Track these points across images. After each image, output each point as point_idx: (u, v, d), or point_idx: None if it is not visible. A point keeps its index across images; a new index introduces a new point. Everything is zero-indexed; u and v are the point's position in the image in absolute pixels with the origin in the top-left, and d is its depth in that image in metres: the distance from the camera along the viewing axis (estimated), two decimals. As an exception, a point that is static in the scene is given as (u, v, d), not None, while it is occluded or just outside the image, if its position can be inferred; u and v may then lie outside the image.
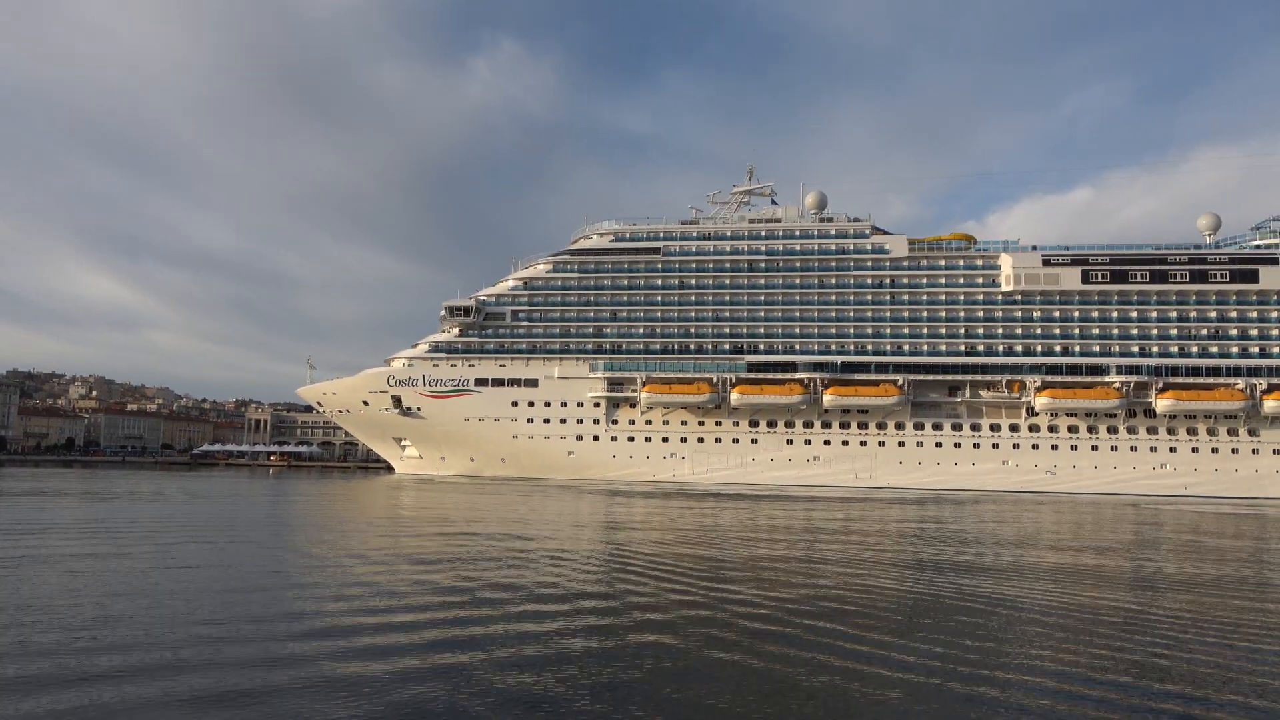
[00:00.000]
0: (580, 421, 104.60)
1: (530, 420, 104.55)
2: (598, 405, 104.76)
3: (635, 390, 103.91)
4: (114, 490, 64.73)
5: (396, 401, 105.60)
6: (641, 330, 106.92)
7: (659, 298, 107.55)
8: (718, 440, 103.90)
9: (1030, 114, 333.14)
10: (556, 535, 36.46)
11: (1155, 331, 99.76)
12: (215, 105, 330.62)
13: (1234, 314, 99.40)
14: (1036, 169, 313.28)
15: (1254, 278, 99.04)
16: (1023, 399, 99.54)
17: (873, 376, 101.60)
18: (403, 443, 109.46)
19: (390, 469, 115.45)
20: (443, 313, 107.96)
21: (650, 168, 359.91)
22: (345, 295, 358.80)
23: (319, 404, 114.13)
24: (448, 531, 37.53)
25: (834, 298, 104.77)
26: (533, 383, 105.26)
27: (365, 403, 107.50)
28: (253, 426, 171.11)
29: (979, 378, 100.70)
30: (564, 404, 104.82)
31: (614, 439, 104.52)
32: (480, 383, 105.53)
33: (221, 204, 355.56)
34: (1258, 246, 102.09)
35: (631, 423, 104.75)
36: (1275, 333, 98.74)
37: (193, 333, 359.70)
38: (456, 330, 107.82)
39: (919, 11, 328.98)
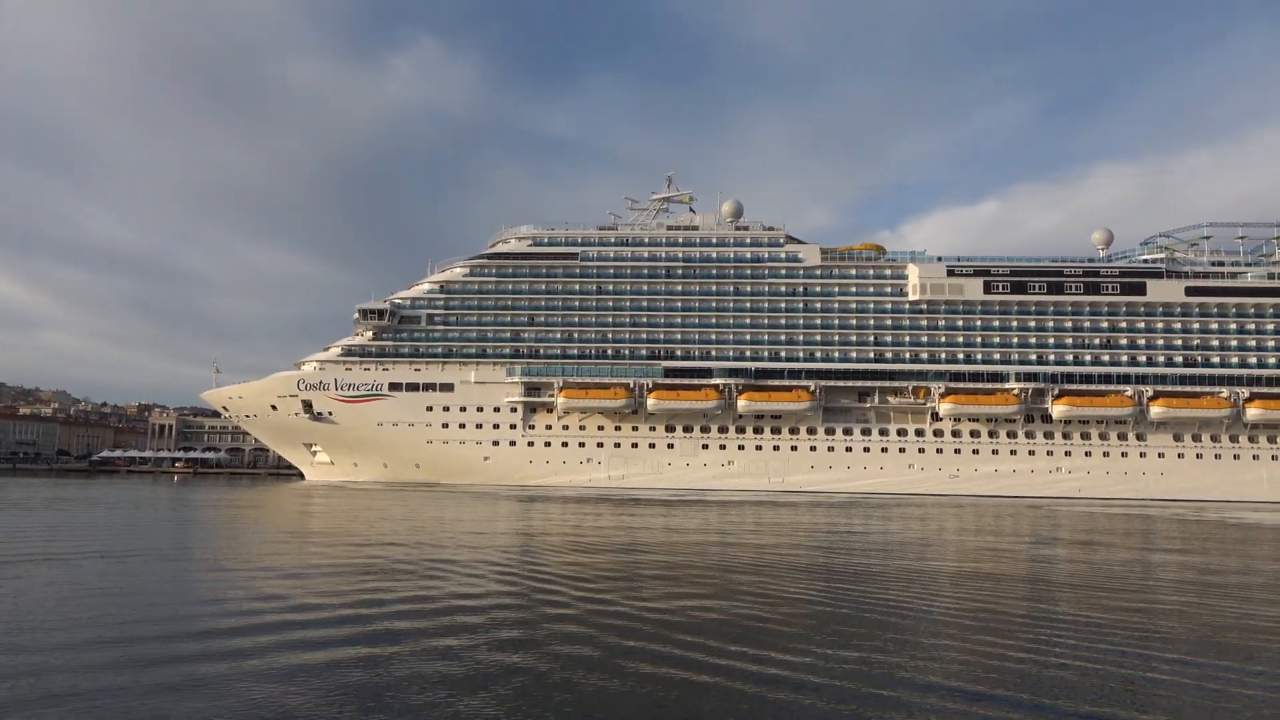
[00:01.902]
0: (497, 426, 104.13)
1: (446, 425, 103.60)
2: (514, 410, 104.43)
3: (552, 395, 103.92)
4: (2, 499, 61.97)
5: (307, 406, 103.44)
6: (559, 335, 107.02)
7: (577, 302, 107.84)
8: (634, 445, 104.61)
9: (943, 127, 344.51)
10: (468, 544, 36.40)
11: (1052, 340, 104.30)
12: (115, 95, 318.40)
13: (1124, 324, 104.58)
14: (948, 181, 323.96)
15: (1142, 290, 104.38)
16: (928, 404, 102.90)
17: (786, 382, 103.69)
18: (313, 448, 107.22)
19: (301, 475, 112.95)
20: (356, 315, 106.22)
21: (572, 171, 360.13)
22: (255, 296, 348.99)
23: (225, 409, 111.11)
24: (355, 541, 37.16)
25: (749, 305, 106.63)
26: (448, 387, 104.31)
27: (274, 407, 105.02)
28: (156, 431, 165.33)
29: (887, 384, 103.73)
30: (480, 409, 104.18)
31: (531, 444, 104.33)
32: (394, 387, 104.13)
33: (123, 199, 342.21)
34: (1146, 261, 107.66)
35: (548, 427, 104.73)
36: (1161, 342, 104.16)
37: (92, 333, 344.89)
38: (370, 333, 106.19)
39: (837, 24, 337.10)
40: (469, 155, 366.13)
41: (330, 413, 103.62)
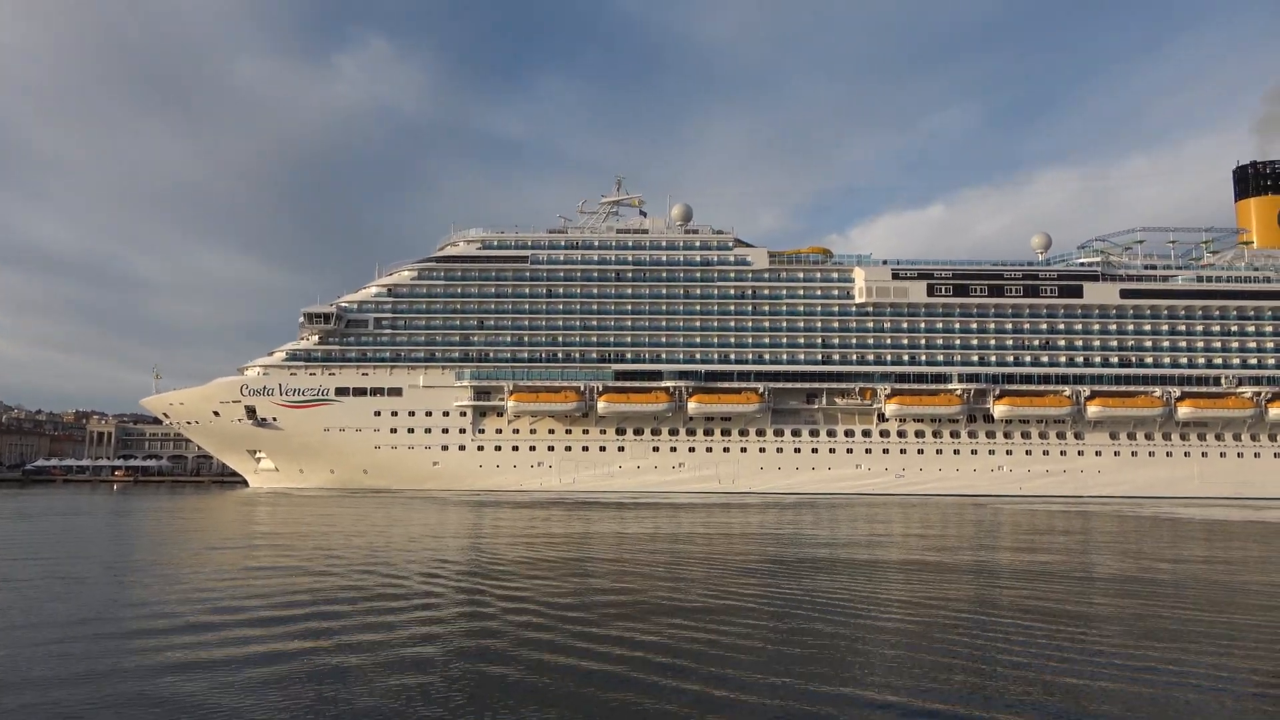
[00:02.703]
0: (446, 431, 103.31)
1: (394, 430, 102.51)
2: (464, 414, 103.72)
3: (502, 399, 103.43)
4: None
5: (251, 412, 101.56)
6: (509, 339, 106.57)
7: (526, 306, 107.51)
8: (585, 449, 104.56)
9: (892, 132, 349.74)
10: (417, 552, 36.19)
11: (993, 342, 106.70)
12: (55, 92, 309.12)
13: (1062, 326, 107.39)
14: (897, 185, 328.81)
15: (1079, 293, 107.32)
16: (874, 405, 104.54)
17: (735, 385, 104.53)
18: (257, 455, 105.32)
19: (245, 483, 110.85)
20: (301, 319, 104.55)
21: (523, 174, 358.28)
22: (200, 299, 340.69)
23: (165, 415, 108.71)
24: (299, 552, 36.73)
25: (698, 308, 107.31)
26: (396, 392, 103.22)
27: (216, 413, 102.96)
28: (95, 439, 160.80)
29: (834, 385, 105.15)
30: (429, 413, 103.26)
31: (480, 448, 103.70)
32: (341, 392, 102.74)
33: (62, 199, 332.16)
34: (1083, 264, 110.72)
35: (499, 432, 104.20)
36: (1097, 343, 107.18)
37: (28, 338, 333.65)
38: (316, 338, 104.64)
39: (789, 29, 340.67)
40: (418, 157, 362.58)
41: (275, 418, 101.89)
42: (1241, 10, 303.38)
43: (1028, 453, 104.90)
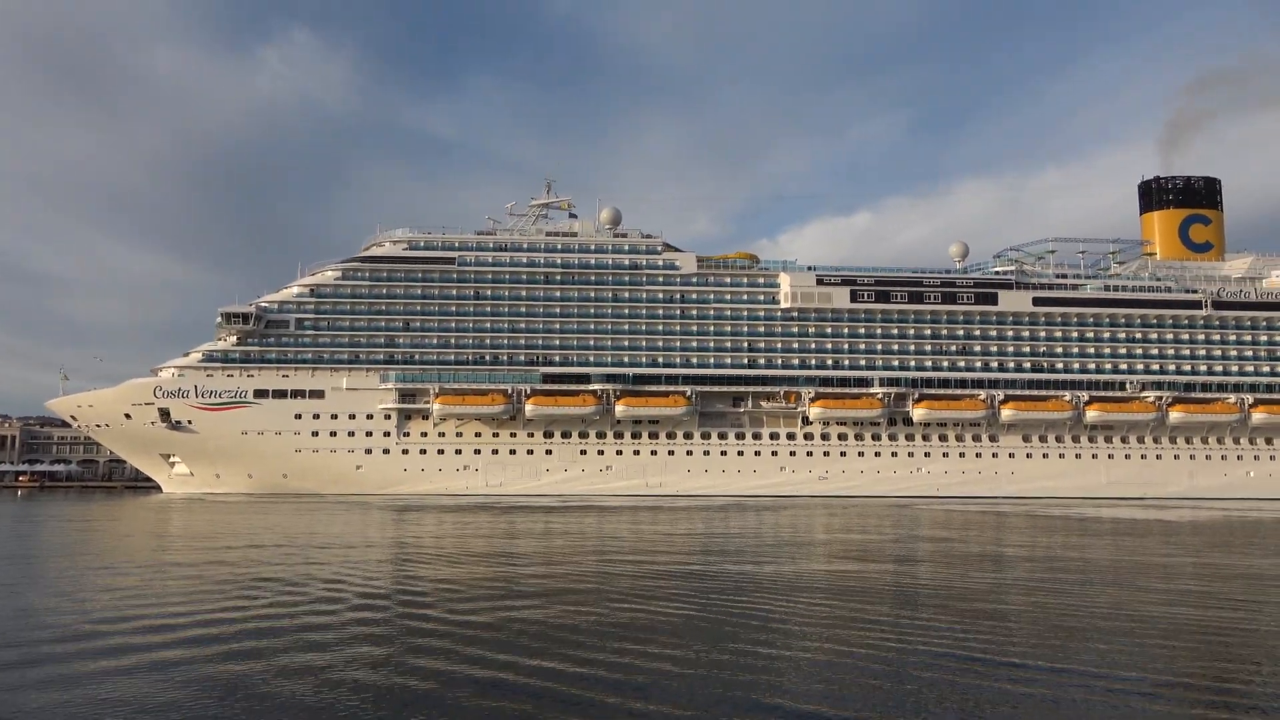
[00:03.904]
0: (370, 434, 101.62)
1: (315, 433, 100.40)
2: (388, 417, 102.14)
3: (428, 402, 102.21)
4: None
5: (164, 414, 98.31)
6: (435, 341, 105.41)
7: (453, 308, 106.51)
8: (512, 452, 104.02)
9: (820, 140, 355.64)
10: (336, 559, 35.63)
11: (913, 347, 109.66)
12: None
13: (978, 332, 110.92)
14: (824, 192, 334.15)
15: (994, 300, 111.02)
16: (799, 409, 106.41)
17: (663, 388, 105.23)
18: (171, 459, 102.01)
19: (158, 488, 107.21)
20: (219, 319, 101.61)
21: (452, 174, 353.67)
22: (114, 297, 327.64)
23: (73, 417, 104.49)
24: (210, 562, 35.82)
25: (627, 311, 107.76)
26: (318, 394, 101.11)
27: (128, 415, 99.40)
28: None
29: (760, 389, 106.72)
30: (352, 416, 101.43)
31: (405, 451, 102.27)
32: (260, 394, 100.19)
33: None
34: (997, 273, 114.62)
35: (424, 435, 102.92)
36: (1011, 349, 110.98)
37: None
38: (234, 338, 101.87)
39: (722, 35, 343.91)
40: (344, 154, 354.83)
41: (190, 421, 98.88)
42: (1152, 28, 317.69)
43: (945, 455, 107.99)
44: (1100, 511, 76.14)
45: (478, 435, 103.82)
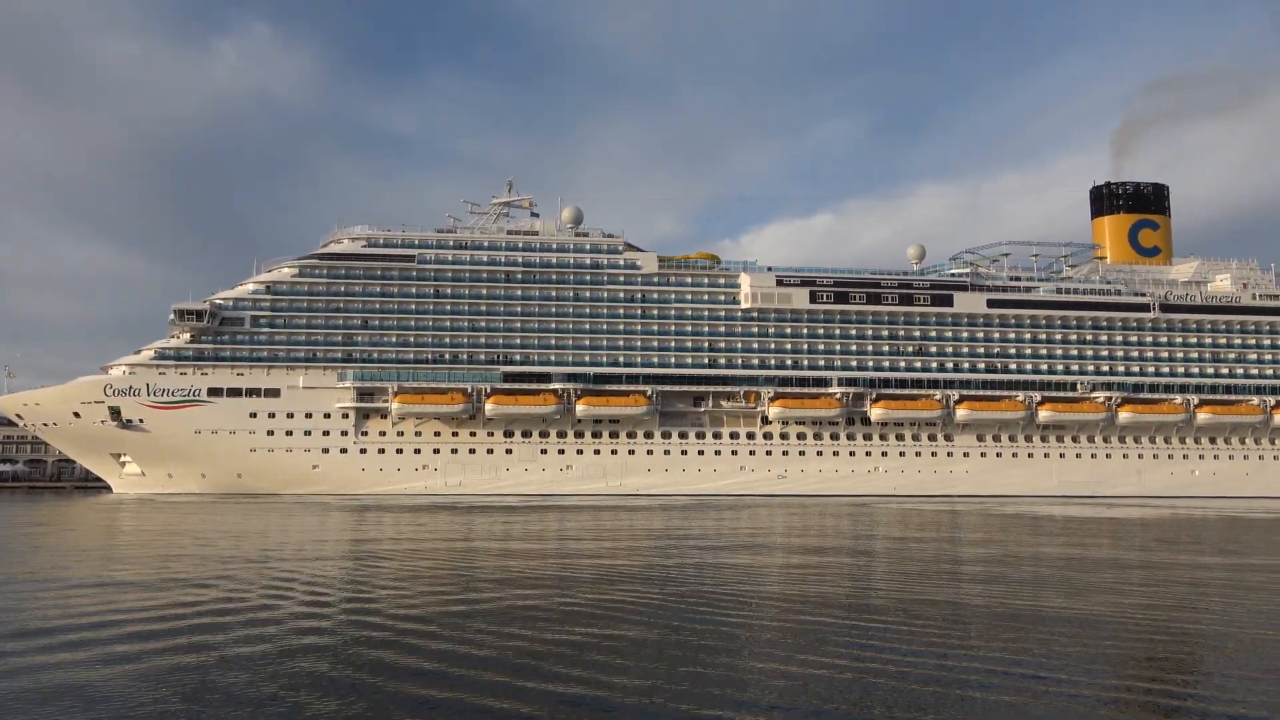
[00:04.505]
0: (327, 433, 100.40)
1: (271, 433, 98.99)
2: (346, 416, 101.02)
3: (386, 400, 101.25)
4: None
5: (115, 413, 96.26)
6: (394, 339, 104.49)
7: (413, 306, 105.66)
8: (472, 451, 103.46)
9: (782, 141, 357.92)
10: (289, 562, 35.22)
11: (871, 348, 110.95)
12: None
13: (934, 333, 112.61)
14: (786, 194, 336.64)
15: (950, 302, 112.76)
16: (758, 409, 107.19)
17: (624, 387, 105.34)
18: (122, 459, 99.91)
19: (108, 488, 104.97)
20: (172, 316, 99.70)
21: (413, 171, 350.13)
22: (62, 292, 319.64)
23: (18, 416, 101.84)
24: (140, 562, 35.23)
25: (588, 310, 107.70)
26: (274, 393, 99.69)
27: (77, 414, 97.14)
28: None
29: (720, 389, 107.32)
30: (309, 415, 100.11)
31: (363, 451, 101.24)
32: (215, 392, 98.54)
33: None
34: (953, 275, 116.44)
35: (382, 434, 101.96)
36: (966, 350, 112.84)
37: None
38: (188, 335, 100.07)
39: (684, 36, 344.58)
40: (302, 149, 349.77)
41: (141, 420, 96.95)
42: (1108, 34, 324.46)
43: (901, 454, 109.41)
44: (1052, 510, 77.72)
45: (437, 435, 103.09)
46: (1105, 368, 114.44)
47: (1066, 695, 13.84)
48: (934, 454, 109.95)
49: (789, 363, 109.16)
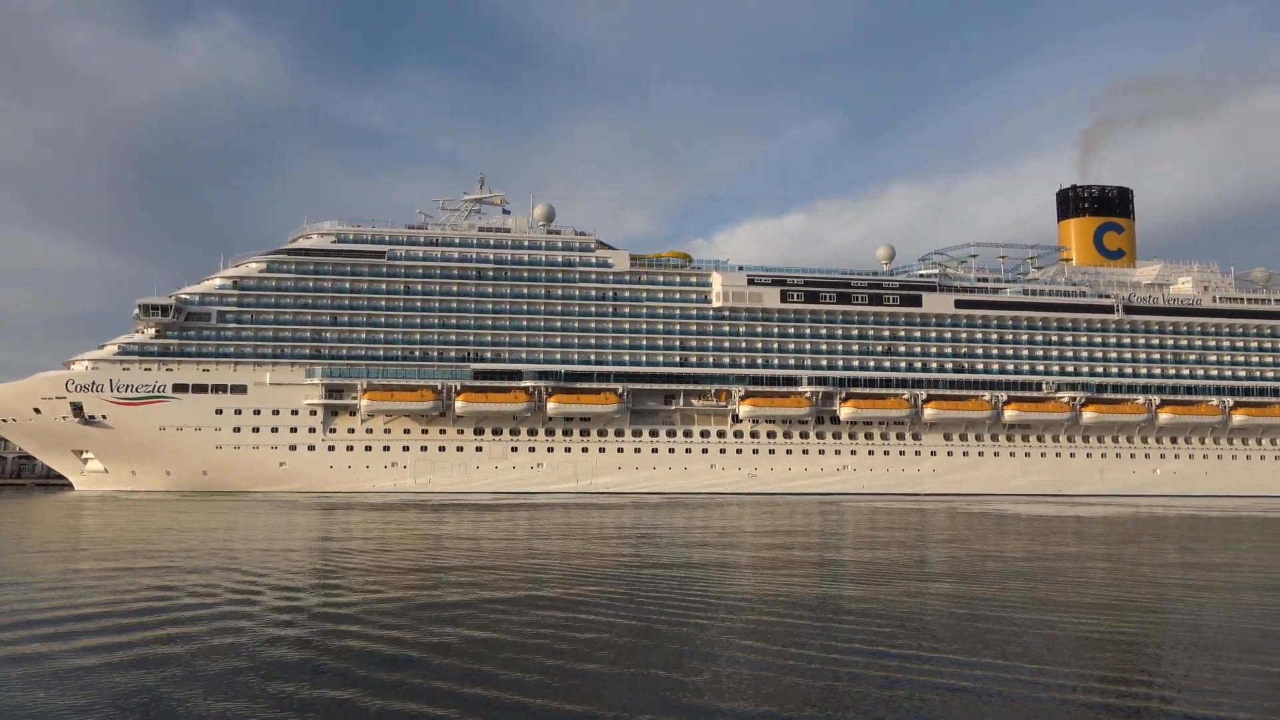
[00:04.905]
0: (294, 430, 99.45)
1: (237, 429, 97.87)
2: (314, 413, 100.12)
3: (355, 397, 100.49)
4: None
5: (77, 409, 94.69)
6: (364, 335, 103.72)
7: (383, 302, 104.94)
8: (442, 449, 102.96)
9: (755, 141, 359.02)
10: (253, 564, 34.86)
11: (840, 347, 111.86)
12: None
13: (903, 333, 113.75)
14: (759, 193, 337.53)
15: (918, 302, 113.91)
16: (729, 407, 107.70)
17: (595, 385, 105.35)
18: (84, 455, 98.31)
19: (70, 485, 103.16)
20: (137, 311, 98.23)
21: (384, 166, 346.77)
22: (20, 286, 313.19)
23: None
24: (90, 561, 34.73)
25: (559, 308, 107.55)
26: (241, 389, 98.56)
27: (37, 410, 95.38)
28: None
29: (691, 387, 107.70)
30: (276, 412, 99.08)
31: (331, 448, 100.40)
32: (180, 388, 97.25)
33: None
34: (922, 276, 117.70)
35: (351, 431, 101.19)
36: (934, 350, 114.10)
37: None
38: (153, 331, 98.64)
39: (657, 33, 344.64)
40: (270, 143, 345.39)
41: (105, 416, 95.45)
42: (1078, 38, 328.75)
43: (870, 453, 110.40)
44: (1018, 508, 78.82)
45: (407, 432, 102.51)
46: (1070, 368, 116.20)
47: (1031, 695, 14.08)
48: (902, 453, 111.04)
49: (759, 361, 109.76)
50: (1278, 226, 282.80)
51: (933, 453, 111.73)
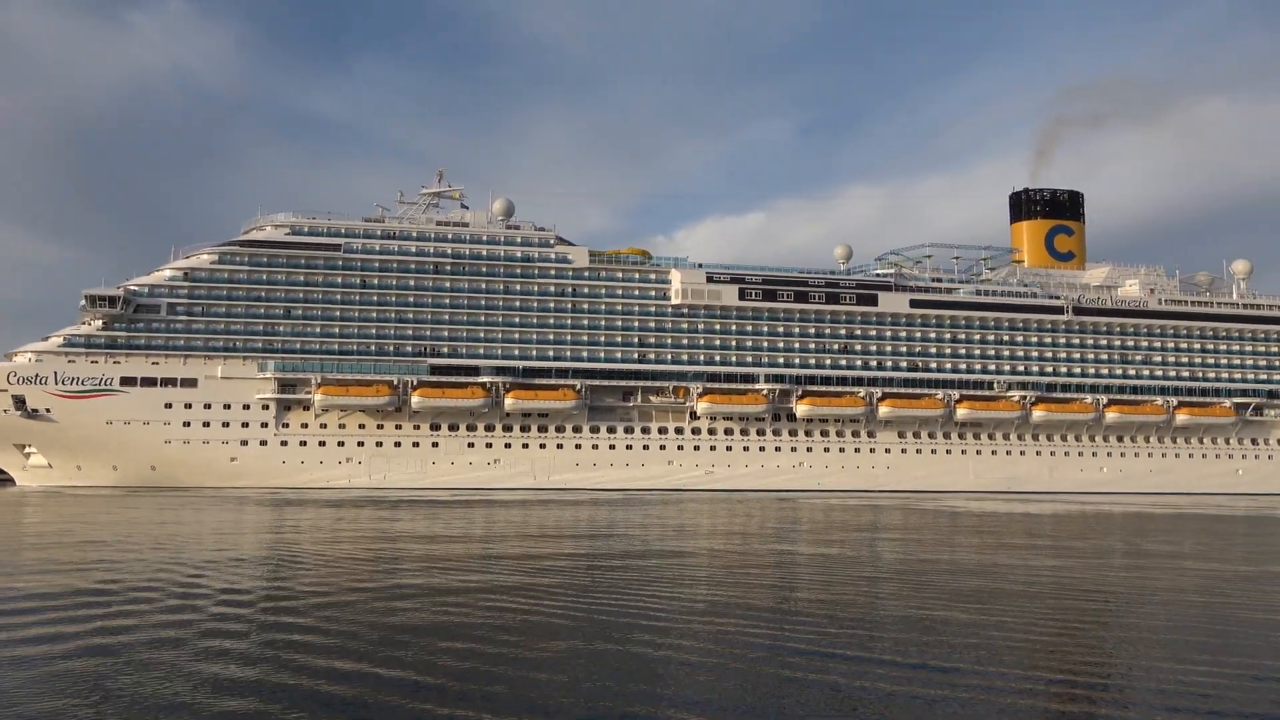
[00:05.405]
0: (246, 425, 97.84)
1: (187, 424, 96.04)
2: (266, 408, 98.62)
3: (309, 392, 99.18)
4: None
5: (19, 402, 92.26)
6: (318, 329, 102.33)
7: (338, 296, 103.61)
8: (397, 444, 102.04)
9: (714, 139, 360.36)
10: (202, 563, 34.31)
11: (797, 345, 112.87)
12: None
13: (859, 332, 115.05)
14: (718, 191, 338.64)
15: (874, 301, 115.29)
16: (687, 404, 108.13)
17: (553, 381, 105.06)
18: (27, 450, 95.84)
19: (11, 481, 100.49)
20: (83, 302, 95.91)
21: (340, 158, 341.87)
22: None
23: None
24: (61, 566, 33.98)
25: (518, 304, 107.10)
26: (191, 383, 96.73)
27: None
28: None
29: (649, 384, 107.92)
30: (227, 406, 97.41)
31: (284, 443, 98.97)
32: (128, 382, 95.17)
33: None
34: (878, 275, 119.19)
35: (304, 426, 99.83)
36: (889, 349, 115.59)
37: None
38: (100, 323, 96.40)
39: (619, 30, 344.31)
40: (224, 131, 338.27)
41: (49, 409, 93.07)
42: (1031, 42, 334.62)
43: (826, 450, 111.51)
44: (969, 505, 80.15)
45: (361, 427, 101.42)
46: (1021, 368, 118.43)
47: (982, 690, 14.34)
48: (857, 450, 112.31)
49: (717, 359, 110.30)
50: (1221, 231, 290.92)
51: (887, 450, 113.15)
